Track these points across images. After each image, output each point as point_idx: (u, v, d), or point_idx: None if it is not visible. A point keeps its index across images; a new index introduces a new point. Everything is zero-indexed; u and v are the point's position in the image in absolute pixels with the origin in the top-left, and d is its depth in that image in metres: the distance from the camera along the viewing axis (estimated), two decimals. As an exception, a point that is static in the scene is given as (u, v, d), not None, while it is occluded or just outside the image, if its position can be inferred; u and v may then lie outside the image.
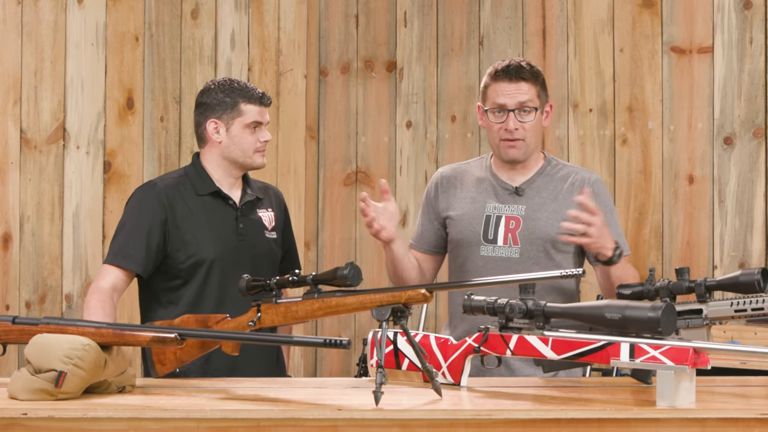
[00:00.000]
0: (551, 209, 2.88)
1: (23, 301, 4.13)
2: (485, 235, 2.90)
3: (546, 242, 2.86)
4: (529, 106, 2.89)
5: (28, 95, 4.15)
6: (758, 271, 2.33)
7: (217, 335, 2.30)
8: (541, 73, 2.95)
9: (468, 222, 2.94)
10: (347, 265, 2.24)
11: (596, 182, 2.93)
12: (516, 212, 2.90)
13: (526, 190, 2.92)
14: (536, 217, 2.88)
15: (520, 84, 2.90)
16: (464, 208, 2.97)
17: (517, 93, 2.90)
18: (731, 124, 4.12)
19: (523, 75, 2.90)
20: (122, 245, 2.97)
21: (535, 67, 2.94)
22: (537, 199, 2.90)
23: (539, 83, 2.92)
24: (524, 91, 2.90)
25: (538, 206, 2.89)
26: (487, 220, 2.92)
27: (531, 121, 2.89)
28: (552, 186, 2.92)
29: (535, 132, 2.91)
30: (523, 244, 2.86)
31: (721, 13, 4.13)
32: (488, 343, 2.30)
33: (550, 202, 2.89)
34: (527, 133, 2.90)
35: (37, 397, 2.11)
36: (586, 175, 2.96)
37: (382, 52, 4.49)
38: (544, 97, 2.93)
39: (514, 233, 2.88)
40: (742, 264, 4.07)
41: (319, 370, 4.47)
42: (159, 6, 4.29)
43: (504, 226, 2.90)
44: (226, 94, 3.08)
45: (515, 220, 2.89)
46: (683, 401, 2.05)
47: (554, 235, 2.84)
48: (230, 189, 3.10)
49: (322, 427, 1.96)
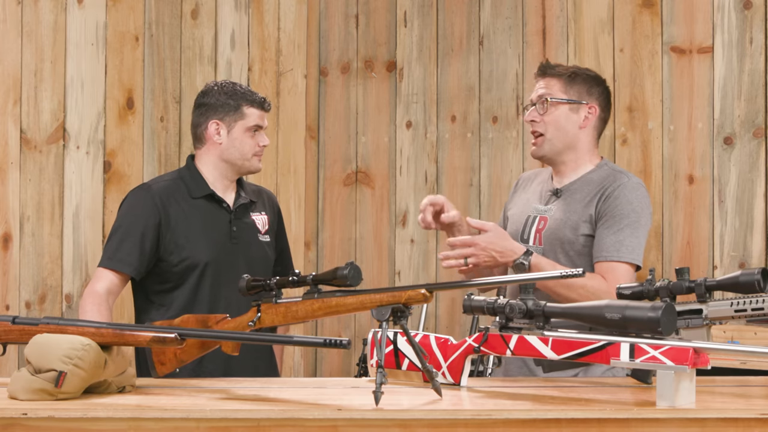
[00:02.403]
0: (573, 210, 2.88)
1: (23, 301, 4.13)
2: (522, 235, 2.94)
3: (563, 243, 2.86)
4: (552, 99, 2.89)
5: (28, 95, 4.15)
6: (758, 271, 2.33)
7: (217, 335, 2.30)
8: (576, 71, 2.95)
9: (515, 221, 2.99)
10: (347, 265, 2.24)
11: (620, 187, 2.87)
12: (548, 213, 2.91)
13: (564, 192, 2.92)
14: (558, 218, 2.89)
15: (544, 79, 2.95)
16: (517, 208, 3.03)
17: (539, 87, 2.95)
18: (731, 124, 4.12)
19: (545, 71, 2.94)
20: (116, 248, 2.98)
21: (567, 66, 2.97)
22: (569, 200, 2.91)
23: (566, 78, 2.92)
24: (544, 85, 2.92)
25: (567, 207, 2.89)
26: (527, 220, 2.95)
27: (551, 114, 2.89)
28: (587, 188, 2.91)
29: (558, 127, 2.91)
30: (545, 243, 2.88)
31: (721, 13, 4.13)
32: (488, 343, 2.30)
33: (576, 204, 2.89)
34: (547, 127, 2.91)
35: (37, 397, 2.11)
36: (621, 180, 2.88)
37: (382, 52, 4.49)
38: (578, 94, 2.92)
39: (541, 233, 2.90)
40: (742, 264, 4.07)
41: (319, 370, 4.47)
42: (159, 6, 4.29)
43: (536, 226, 2.92)
44: (229, 96, 3.09)
45: (545, 220, 2.91)
46: (683, 401, 2.05)
47: (569, 235, 2.85)
48: (224, 192, 3.11)
49: (322, 427, 1.96)
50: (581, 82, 2.93)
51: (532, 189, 3.04)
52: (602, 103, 2.97)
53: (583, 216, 2.86)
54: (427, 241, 4.39)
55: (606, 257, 2.79)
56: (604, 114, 2.98)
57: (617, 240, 2.81)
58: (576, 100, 2.91)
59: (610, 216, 2.84)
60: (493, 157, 4.37)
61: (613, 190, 2.86)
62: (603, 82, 3.00)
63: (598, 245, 2.83)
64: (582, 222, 2.86)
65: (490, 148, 4.38)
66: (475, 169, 4.38)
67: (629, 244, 2.82)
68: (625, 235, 2.82)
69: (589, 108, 2.93)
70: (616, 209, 2.83)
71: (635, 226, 2.84)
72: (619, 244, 2.81)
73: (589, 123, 2.93)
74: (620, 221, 2.83)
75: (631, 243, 2.82)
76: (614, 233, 2.81)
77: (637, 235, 2.83)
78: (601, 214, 2.85)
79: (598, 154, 3.00)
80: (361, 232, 4.46)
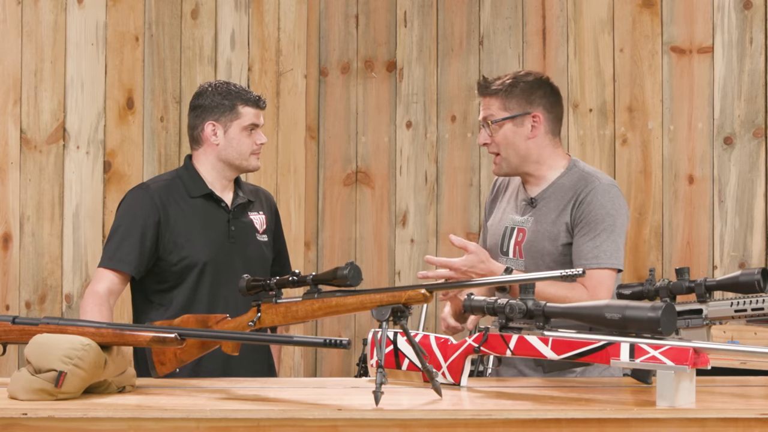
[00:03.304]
0: (549, 220, 2.85)
1: (23, 301, 4.13)
2: (501, 247, 2.92)
3: (543, 255, 2.82)
4: (493, 121, 2.87)
5: (28, 95, 4.15)
6: (758, 271, 2.33)
7: (217, 335, 2.30)
8: (513, 82, 2.87)
9: (494, 233, 2.97)
10: (347, 265, 2.24)
11: (592, 191, 2.81)
12: (525, 224, 2.89)
13: (539, 201, 2.89)
14: (536, 229, 2.85)
15: (484, 99, 2.92)
16: (495, 219, 3.01)
17: (482, 108, 2.93)
18: (731, 124, 4.12)
19: (482, 91, 2.91)
20: (116, 248, 2.98)
21: (504, 78, 2.90)
22: (544, 210, 2.87)
23: (502, 95, 2.86)
24: (484, 106, 2.91)
25: (543, 217, 2.86)
26: (505, 232, 2.93)
27: (497, 134, 2.87)
28: (561, 195, 2.86)
29: (508, 144, 2.87)
30: (526, 256, 2.85)
31: (721, 13, 4.13)
32: (488, 343, 2.30)
33: (551, 213, 2.85)
34: (499, 147, 2.88)
35: (37, 397, 2.11)
36: (592, 185, 2.83)
37: (382, 52, 4.49)
38: (518, 106, 2.87)
39: (520, 246, 2.87)
40: (742, 264, 4.07)
41: (319, 370, 4.47)
42: (159, 6, 4.29)
43: (514, 239, 2.90)
44: (223, 97, 3.09)
45: (523, 232, 2.88)
46: (683, 401, 2.05)
47: (549, 247, 2.81)
48: (222, 191, 3.11)
49: (322, 427, 1.96)
50: (519, 93, 2.87)
51: (507, 197, 3.00)
52: (547, 105, 2.89)
53: (559, 225, 2.82)
54: (427, 241, 4.39)
55: (585, 265, 2.73)
56: (552, 114, 2.90)
57: (594, 246, 2.76)
58: (518, 113, 2.86)
59: (585, 223, 2.79)
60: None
61: (585, 195, 2.81)
62: (544, 83, 2.92)
63: (576, 254, 2.79)
64: (560, 231, 2.82)
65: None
66: (475, 169, 4.38)
67: (607, 249, 2.77)
68: (601, 240, 2.77)
69: (534, 117, 2.87)
70: (590, 215, 2.79)
71: (611, 230, 2.79)
72: (597, 249, 2.76)
73: (537, 131, 2.87)
74: (596, 227, 2.78)
75: (608, 248, 2.77)
76: (591, 239, 2.76)
77: (614, 239, 2.78)
78: (576, 221, 2.80)
79: (564, 153, 2.94)
80: (361, 232, 4.46)
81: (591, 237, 2.77)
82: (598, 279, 2.75)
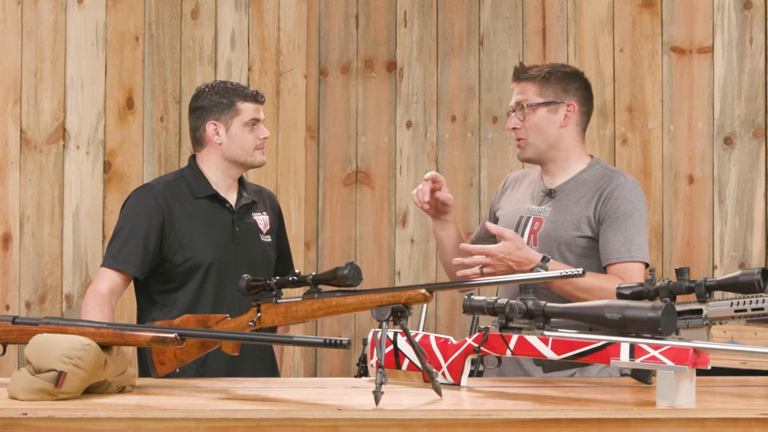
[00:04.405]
0: (570, 211, 2.88)
1: (23, 301, 4.13)
2: None
3: (560, 244, 2.85)
4: (528, 104, 2.90)
5: (28, 95, 4.15)
6: (758, 271, 2.33)
7: (217, 335, 2.29)
8: (551, 70, 2.93)
9: (507, 222, 2.98)
10: (347, 265, 2.24)
11: (618, 187, 2.86)
12: (542, 213, 2.91)
13: (558, 192, 2.92)
14: (554, 219, 2.88)
15: (519, 84, 2.96)
16: (508, 208, 3.02)
17: (516, 93, 2.96)
18: (731, 124, 4.12)
19: (519, 75, 2.95)
20: (120, 248, 2.97)
21: (541, 66, 2.96)
22: (564, 201, 2.90)
23: (540, 80, 2.91)
24: (519, 91, 2.94)
25: (563, 208, 2.89)
26: (519, 221, 2.95)
27: (530, 119, 2.90)
28: (582, 189, 2.90)
29: (539, 130, 2.91)
30: (541, 245, 2.87)
31: (721, 13, 4.13)
32: (488, 343, 2.30)
33: (573, 205, 2.88)
34: (528, 132, 2.92)
35: (37, 397, 2.11)
36: (618, 181, 2.88)
37: (382, 52, 4.49)
38: (554, 94, 2.91)
39: (536, 234, 2.89)
40: (742, 264, 4.07)
41: (319, 370, 4.47)
42: (159, 6, 4.29)
43: (530, 227, 2.91)
44: (221, 95, 3.09)
45: (539, 221, 2.91)
46: (683, 401, 2.05)
47: (567, 236, 2.85)
48: (227, 192, 3.11)
49: (322, 427, 1.96)
50: (556, 81, 2.92)
51: (522, 189, 3.03)
52: (581, 98, 2.95)
53: (581, 217, 2.86)
54: (427, 241, 4.39)
55: (618, 258, 2.79)
56: (584, 108, 2.96)
57: (626, 239, 2.80)
58: (553, 100, 2.91)
59: (613, 217, 2.83)
60: (493, 157, 4.37)
61: (612, 191, 2.86)
62: (580, 77, 2.98)
63: (606, 248, 2.82)
64: (581, 223, 2.85)
65: (490, 148, 4.38)
66: (475, 169, 4.38)
67: (638, 243, 2.82)
68: (632, 234, 2.82)
69: (568, 106, 2.92)
70: (618, 210, 2.83)
71: (640, 225, 2.85)
72: (629, 243, 2.81)
73: (570, 121, 2.92)
74: (625, 221, 2.82)
75: (639, 241, 2.82)
76: (621, 233, 2.80)
77: (642, 234, 2.85)
78: (603, 216, 2.84)
79: (586, 151, 3.00)
80: (361, 232, 4.46)
81: (621, 231, 2.81)
82: (633, 271, 2.79)
